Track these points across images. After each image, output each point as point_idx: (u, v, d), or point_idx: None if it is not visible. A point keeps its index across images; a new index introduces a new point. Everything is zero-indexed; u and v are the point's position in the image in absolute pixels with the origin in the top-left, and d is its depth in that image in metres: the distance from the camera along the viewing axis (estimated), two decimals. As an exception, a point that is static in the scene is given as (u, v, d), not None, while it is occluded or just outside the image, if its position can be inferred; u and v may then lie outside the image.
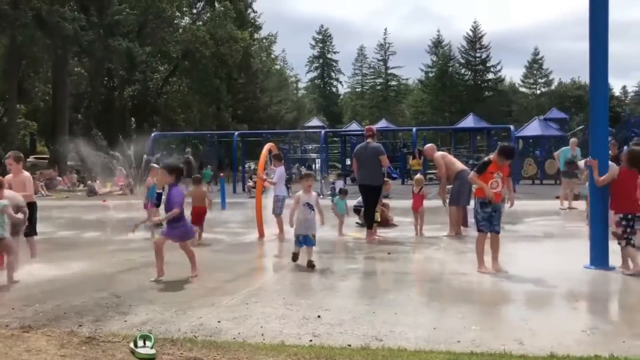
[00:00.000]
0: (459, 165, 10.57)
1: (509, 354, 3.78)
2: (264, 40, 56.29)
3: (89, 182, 25.26)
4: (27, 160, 30.57)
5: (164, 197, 8.89)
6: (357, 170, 10.35)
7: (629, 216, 6.82)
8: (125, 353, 3.94)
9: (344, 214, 10.80)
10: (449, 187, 10.47)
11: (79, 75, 41.62)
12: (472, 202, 7.87)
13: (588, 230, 7.54)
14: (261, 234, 10.19)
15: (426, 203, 10.78)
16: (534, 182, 29.40)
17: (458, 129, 34.47)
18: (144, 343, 3.89)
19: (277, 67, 64.97)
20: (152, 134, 28.38)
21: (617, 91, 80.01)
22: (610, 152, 8.27)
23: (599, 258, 7.03)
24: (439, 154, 10.68)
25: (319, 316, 4.86)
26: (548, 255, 8.11)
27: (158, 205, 12.53)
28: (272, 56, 60.74)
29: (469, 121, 33.92)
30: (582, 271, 6.88)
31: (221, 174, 21.90)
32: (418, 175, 12.07)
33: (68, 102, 35.06)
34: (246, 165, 27.65)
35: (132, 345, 3.96)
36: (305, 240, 7.39)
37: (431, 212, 11.16)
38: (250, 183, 20.41)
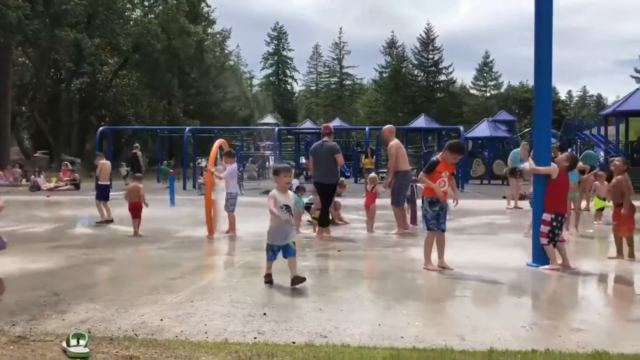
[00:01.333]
0: (406, 164, 10.47)
1: (450, 349, 3.84)
2: (218, 35, 55.69)
3: (32, 176, 24.36)
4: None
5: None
6: (313, 168, 10.32)
7: (559, 217, 7.08)
8: (56, 352, 3.79)
9: (301, 211, 10.78)
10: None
11: (23, 65, 40.07)
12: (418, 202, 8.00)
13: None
14: (211, 232, 10.04)
15: (378, 201, 10.90)
16: (482, 181, 30.13)
17: (410, 129, 34.98)
18: (78, 342, 3.74)
19: (231, 62, 64.40)
20: (100, 128, 27.63)
21: (562, 95, 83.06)
22: (552, 154, 8.53)
23: (540, 256, 7.24)
24: (395, 142, 10.43)
25: (264, 314, 4.82)
26: (493, 253, 8.30)
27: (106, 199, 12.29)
28: (226, 52, 60.17)
29: (420, 121, 34.50)
30: (525, 269, 7.08)
31: (170, 170, 21.52)
32: (372, 174, 12.15)
33: (11, 93, 33.68)
34: (197, 162, 27.24)
35: (64, 344, 3.81)
36: (286, 250, 6.04)
37: (385, 210, 11.25)
38: (201, 180, 20.12)
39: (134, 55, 39.99)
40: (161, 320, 4.62)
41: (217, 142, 11.09)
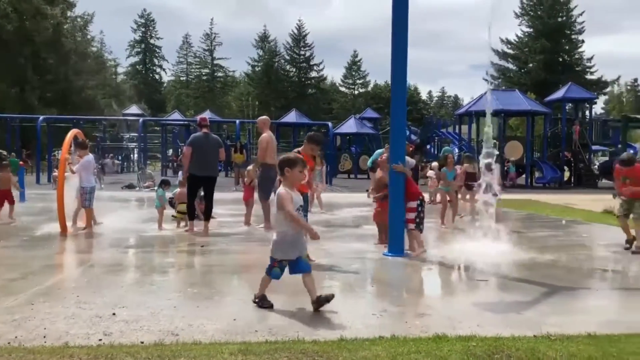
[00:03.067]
0: (273, 158, 10.34)
1: (302, 340, 3.89)
2: (79, 19, 52.09)
3: None
4: None
5: None
6: (194, 161, 9.59)
7: (423, 203, 7.81)
8: None
9: (163, 206, 10.38)
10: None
11: None
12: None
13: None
14: (64, 228, 9.36)
15: (257, 195, 10.83)
16: (350, 176, 31.20)
17: (281, 124, 35.23)
18: None
19: (94, 49, 60.55)
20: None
21: (424, 95, 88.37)
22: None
23: (396, 246, 7.63)
24: (267, 135, 10.28)
25: (114, 314, 4.56)
26: (354, 243, 8.61)
27: None
28: (88, 37, 56.43)
29: (291, 116, 34.87)
30: (381, 258, 7.41)
31: (20, 162, 19.77)
32: (249, 168, 12.01)
33: None
34: (52, 154, 25.29)
35: None
36: (298, 265, 4.82)
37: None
38: (56, 172, 18.71)
39: (-21, 35, 36.22)
40: (-7, 326, 4.19)
41: (71, 132, 10.35)
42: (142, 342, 3.87)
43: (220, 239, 9.07)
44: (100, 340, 3.92)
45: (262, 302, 4.84)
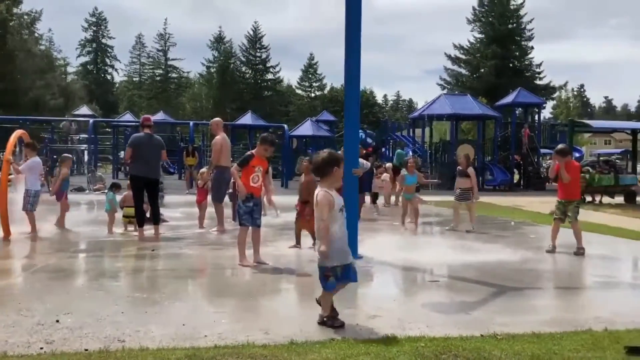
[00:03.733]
0: (227, 160, 10.31)
1: (252, 344, 3.85)
2: (25, 17, 50.34)
3: None
4: None
5: None
6: (135, 162, 9.26)
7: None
8: None
9: (114, 209, 10.12)
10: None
11: None
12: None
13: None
14: (6, 233, 9.00)
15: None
16: (305, 178, 31.16)
17: (236, 126, 34.97)
18: None
19: (42, 47, 58.65)
20: None
21: (379, 99, 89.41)
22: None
23: (350, 248, 7.64)
24: (220, 137, 10.16)
25: (57, 321, 4.41)
26: (308, 246, 8.58)
27: None
28: (36, 35, 54.65)
29: (247, 118, 34.63)
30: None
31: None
32: (203, 169, 11.82)
33: None
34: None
35: None
36: (349, 271, 4.39)
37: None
38: None
39: None
40: None
41: (16, 134, 9.98)
42: (86, 350, 3.75)
43: (171, 242, 8.91)
44: (41, 348, 3.78)
45: (334, 322, 4.28)
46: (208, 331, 4.19)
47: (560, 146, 8.72)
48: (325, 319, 4.29)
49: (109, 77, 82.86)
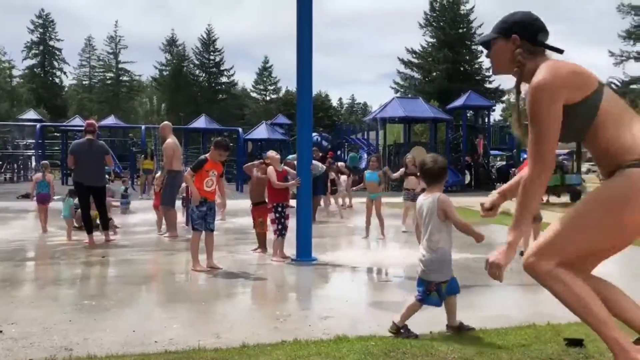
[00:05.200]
0: (178, 164, 10.19)
1: (203, 348, 3.83)
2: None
3: None
4: None
5: None
6: (78, 169, 9.13)
7: (278, 206, 7.80)
8: None
9: (74, 216, 9.86)
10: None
11: None
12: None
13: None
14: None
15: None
16: (261, 182, 30.99)
17: (190, 129, 34.58)
18: None
19: (-15, 49, 56.52)
20: None
21: (334, 102, 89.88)
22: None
23: (303, 251, 7.69)
24: (171, 141, 10.02)
25: (0, 331, 4.28)
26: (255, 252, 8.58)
27: None
28: (-22, 36, 52.62)
29: (201, 122, 34.27)
30: (288, 263, 7.45)
31: None
32: (159, 174, 11.64)
33: None
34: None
35: None
36: (453, 284, 4.32)
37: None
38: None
39: None
40: None
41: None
42: (31, 360, 3.66)
43: (122, 249, 8.75)
44: (-17, 360, 3.67)
45: (409, 334, 4.12)
46: (159, 337, 4.15)
47: None
48: (402, 330, 4.16)
49: (57, 80, 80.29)
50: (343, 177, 16.76)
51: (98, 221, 9.41)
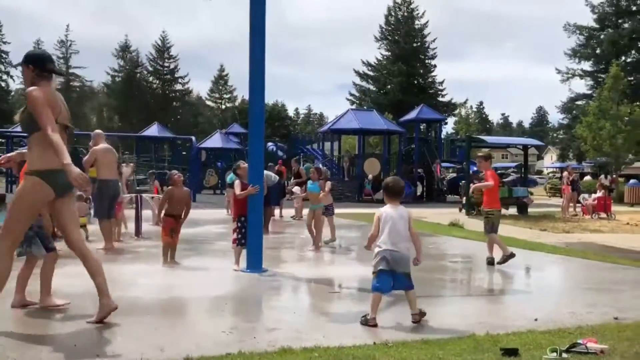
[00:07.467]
0: (110, 172, 9.55)
1: (145, 362, 3.79)
2: None
3: None
4: None
5: None
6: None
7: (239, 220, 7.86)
8: None
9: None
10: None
11: None
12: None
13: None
14: None
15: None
16: (215, 191, 30.80)
17: (142, 137, 34.02)
18: None
19: None
20: None
21: (291, 112, 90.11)
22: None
23: (254, 262, 7.68)
24: (100, 147, 9.45)
25: None
26: (212, 261, 8.52)
27: None
28: None
29: (153, 130, 33.77)
30: (239, 275, 7.42)
31: None
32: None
33: None
34: None
35: None
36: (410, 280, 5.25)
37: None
38: None
39: None
40: None
41: None
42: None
43: (63, 260, 8.50)
44: None
45: (420, 317, 5.13)
46: (100, 350, 4.08)
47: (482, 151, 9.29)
48: (419, 316, 5.09)
49: (3, 84, 77.70)
50: (297, 188, 16.88)
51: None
